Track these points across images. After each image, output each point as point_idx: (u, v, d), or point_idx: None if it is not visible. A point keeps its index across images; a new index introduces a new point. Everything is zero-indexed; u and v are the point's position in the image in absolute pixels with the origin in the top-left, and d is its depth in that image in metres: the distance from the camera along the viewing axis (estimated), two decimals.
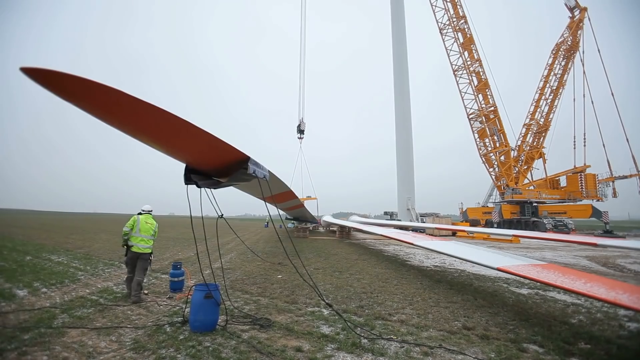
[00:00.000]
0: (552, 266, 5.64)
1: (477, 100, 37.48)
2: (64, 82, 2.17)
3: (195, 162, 4.16)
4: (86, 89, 2.30)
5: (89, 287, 6.67)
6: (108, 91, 2.33)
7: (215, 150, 3.76)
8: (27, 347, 3.71)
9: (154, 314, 5.07)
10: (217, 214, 5.01)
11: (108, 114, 2.81)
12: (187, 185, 4.32)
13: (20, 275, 7.57)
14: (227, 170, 4.27)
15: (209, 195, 4.68)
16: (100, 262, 9.91)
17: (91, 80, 2.20)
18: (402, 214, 34.68)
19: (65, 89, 2.29)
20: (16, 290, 6.28)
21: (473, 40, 36.82)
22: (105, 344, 3.87)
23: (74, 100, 2.45)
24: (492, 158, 38.62)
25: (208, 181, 4.35)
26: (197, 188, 4.39)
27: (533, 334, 4.41)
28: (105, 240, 17.40)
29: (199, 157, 4.03)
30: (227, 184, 4.55)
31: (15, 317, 4.72)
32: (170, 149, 3.74)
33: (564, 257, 13.75)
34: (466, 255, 6.79)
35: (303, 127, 30.43)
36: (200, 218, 4.75)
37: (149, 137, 3.40)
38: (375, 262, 11.09)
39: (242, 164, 4.08)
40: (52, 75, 2.07)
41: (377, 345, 3.93)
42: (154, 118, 2.85)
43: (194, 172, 4.22)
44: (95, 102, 2.55)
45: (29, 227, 28.77)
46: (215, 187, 4.54)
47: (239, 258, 11.32)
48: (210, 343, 3.95)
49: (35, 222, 38.40)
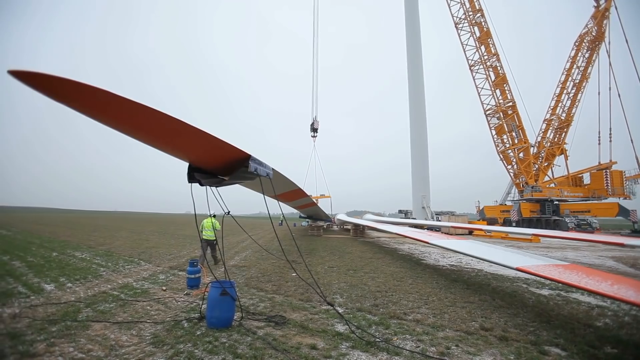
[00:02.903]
0: (575, 267, 5.44)
1: (495, 95, 36.41)
2: (53, 85, 2.17)
3: (197, 161, 4.21)
4: (77, 92, 2.30)
5: (111, 283, 6.91)
6: (98, 93, 2.32)
7: (215, 150, 3.79)
8: (55, 338, 3.89)
9: (172, 309, 5.21)
10: (224, 212, 5.08)
11: (101, 116, 2.82)
12: (191, 184, 4.37)
13: (47, 271, 7.93)
14: (230, 169, 4.32)
15: (215, 194, 4.73)
16: (120, 259, 10.25)
17: (82, 83, 2.19)
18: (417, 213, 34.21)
19: (55, 91, 2.29)
20: (44, 284, 6.59)
21: (490, 34, 35.76)
22: (127, 337, 4.01)
23: (65, 101, 2.44)
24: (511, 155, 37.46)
25: (211, 179, 4.41)
26: (200, 186, 4.44)
27: (555, 336, 4.27)
28: (125, 238, 17.99)
29: (200, 156, 4.08)
30: (230, 182, 4.59)
31: (44, 310, 4.96)
32: (171, 149, 3.79)
33: (588, 257, 13.21)
34: (484, 254, 6.64)
35: (317, 126, 30.40)
36: (213, 216, 4.90)
37: (147, 138, 3.45)
38: (389, 261, 10.99)
39: (243, 162, 4.11)
40: (40, 78, 2.07)
41: (392, 345, 3.90)
42: (149, 119, 2.86)
43: (198, 170, 4.28)
44: (86, 104, 2.56)
45: (54, 224, 30.11)
46: (218, 185, 4.58)
47: (254, 256, 11.46)
48: (227, 339, 4.02)
49: (59, 220, 40.14)
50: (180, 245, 14.78)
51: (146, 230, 25.22)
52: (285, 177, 6.49)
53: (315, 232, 23.14)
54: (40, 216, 54.45)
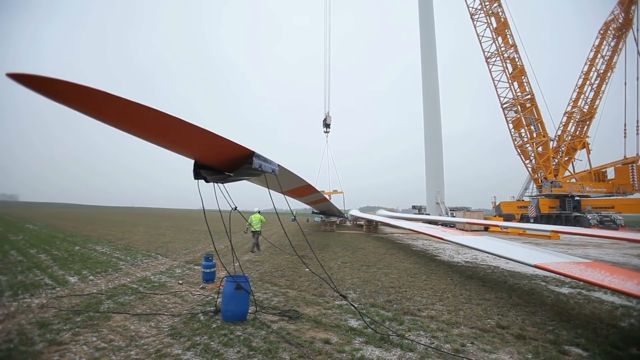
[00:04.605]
0: (597, 264, 5.24)
1: (512, 88, 35.28)
2: (52, 87, 2.20)
3: (202, 159, 4.26)
4: (76, 93, 2.32)
5: (130, 276, 7.14)
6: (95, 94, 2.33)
7: (219, 148, 3.81)
8: (79, 328, 4.07)
9: (188, 303, 5.34)
10: (231, 207, 5.13)
11: (101, 117, 2.85)
12: (197, 181, 4.44)
13: (71, 264, 8.27)
14: (235, 166, 4.35)
15: (222, 191, 4.78)
16: (138, 253, 10.57)
17: (81, 85, 2.20)
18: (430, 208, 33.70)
19: (54, 93, 2.31)
20: (68, 277, 6.88)
21: (508, 25, 34.57)
22: (146, 329, 4.14)
23: (65, 102, 2.46)
24: (529, 149, 36.36)
25: (216, 176, 4.45)
26: (206, 183, 4.50)
27: (575, 336, 4.14)
28: (143, 233, 18.53)
29: (204, 154, 4.12)
30: (235, 178, 4.63)
31: (68, 301, 5.19)
32: (175, 147, 3.83)
33: (612, 255, 12.72)
34: (500, 251, 6.49)
35: (329, 122, 30.25)
36: (229, 212, 5.00)
37: (151, 138, 3.49)
38: (403, 257, 10.91)
39: (247, 159, 4.12)
40: (37, 80, 2.09)
41: (406, 341, 3.87)
42: (150, 119, 2.88)
43: (203, 167, 4.33)
44: (84, 105, 2.59)
45: (76, 219, 31.31)
46: (223, 181, 4.63)
47: (267, 251, 11.59)
48: (241, 332, 4.09)
49: (80, 216, 41.70)
50: (196, 240, 15.12)
51: (162, 226, 25.89)
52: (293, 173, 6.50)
53: (328, 227, 23.19)
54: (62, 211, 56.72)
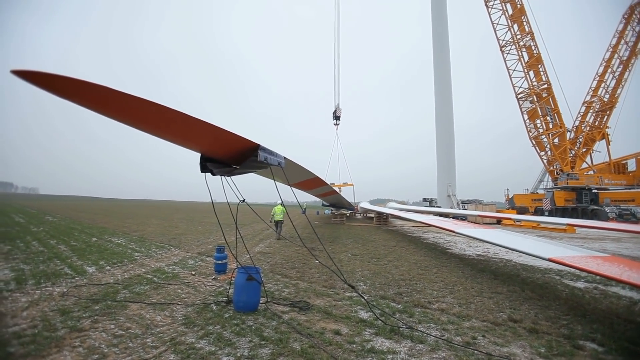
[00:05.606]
0: (615, 258, 5.09)
1: (528, 77, 34.18)
2: (55, 83, 2.23)
3: (208, 152, 4.29)
4: (80, 89, 2.35)
5: (144, 267, 7.34)
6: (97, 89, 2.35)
7: (224, 141, 3.82)
8: (97, 316, 4.22)
9: (201, 293, 5.46)
10: (239, 199, 5.17)
11: (103, 110, 2.87)
12: (204, 174, 4.47)
13: (89, 254, 8.55)
14: (241, 159, 4.37)
15: (229, 183, 4.81)
16: (152, 245, 10.84)
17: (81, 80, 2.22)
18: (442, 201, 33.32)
19: (58, 89, 2.34)
20: (86, 267, 7.12)
21: (524, 11, 33.35)
22: (161, 318, 4.26)
23: (69, 98, 2.49)
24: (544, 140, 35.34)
25: (223, 169, 4.48)
26: (212, 176, 4.53)
27: (591, 331, 4.06)
28: (156, 225, 18.96)
29: (210, 148, 4.13)
30: (241, 171, 4.65)
31: (87, 290, 5.38)
32: (180, 141, 3.85)
33: (631, 249, 12.35)
34: (513, 244, 6.37)
35: (339, 114, 30.03)
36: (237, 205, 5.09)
37: (157, 132, 3.51)
38: (413, 250, 10.86)
39: (253, 152, 4.12)
40: (41, 77, 2.12)
41: (416, 333, 3.88)
42: (155, 114, 2.90)
43: (210, 160, 4.36)
44: (88, 100, 2.61)
45: (92, 212, 32.25)
46: (230, 174, 4.65)
47: (278, 243, 11.72)
48: (253, 322, 4.17)
49: (95, 208, 42.92)
50: (207, 232, 15.39)
51: (174, 218, 26.44)
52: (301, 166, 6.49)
53: (338, 220, 23.24)
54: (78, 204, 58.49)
